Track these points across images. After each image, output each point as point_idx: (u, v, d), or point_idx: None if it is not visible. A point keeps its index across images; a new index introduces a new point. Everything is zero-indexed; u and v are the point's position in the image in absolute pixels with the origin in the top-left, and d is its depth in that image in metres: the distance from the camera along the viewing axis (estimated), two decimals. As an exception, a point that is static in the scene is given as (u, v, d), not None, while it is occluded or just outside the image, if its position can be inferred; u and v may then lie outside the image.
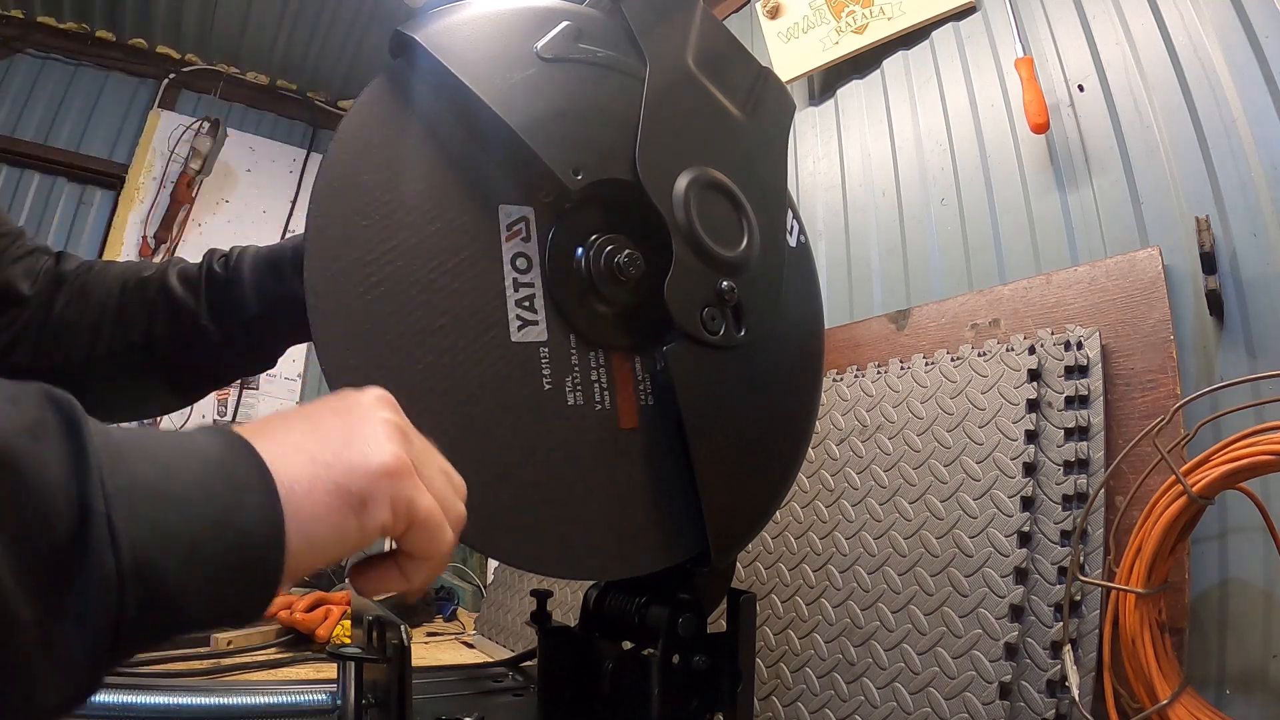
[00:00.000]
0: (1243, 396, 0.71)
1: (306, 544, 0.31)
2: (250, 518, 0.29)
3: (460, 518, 0.39)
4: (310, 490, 0.31)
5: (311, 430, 0.33)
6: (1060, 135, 0.98)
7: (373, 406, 0.36)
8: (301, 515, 0.31)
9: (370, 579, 0.38)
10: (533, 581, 1.19)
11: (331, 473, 0.32)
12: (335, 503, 0.32)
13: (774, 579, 0.92)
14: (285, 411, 0.35)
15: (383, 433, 0.35)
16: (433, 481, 0.37)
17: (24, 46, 2.11)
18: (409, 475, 0.35)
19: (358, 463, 0.33)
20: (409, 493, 0.34)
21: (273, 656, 1.10)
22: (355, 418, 0.35)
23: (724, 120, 0.63)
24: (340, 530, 0.32)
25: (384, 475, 0.33)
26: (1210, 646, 0.73)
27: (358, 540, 0.33)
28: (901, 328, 1.04)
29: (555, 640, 0.66)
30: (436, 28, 0.51)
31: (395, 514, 0.34)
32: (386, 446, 0.34)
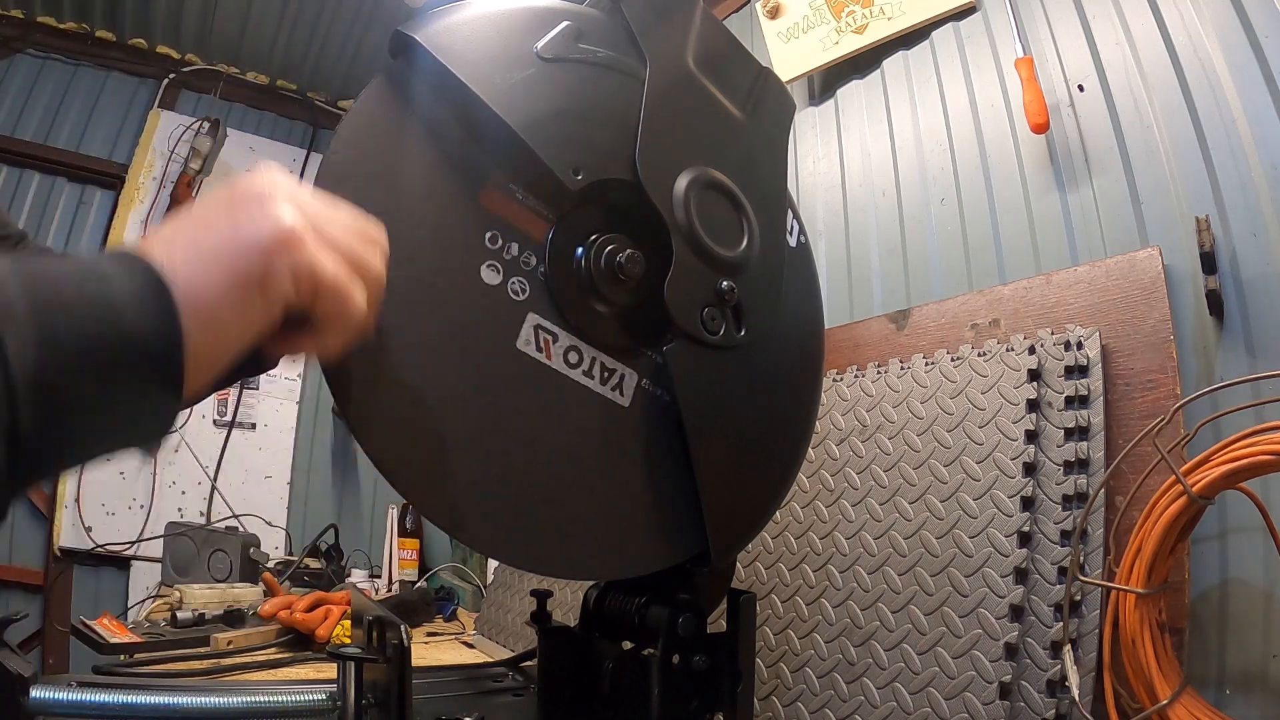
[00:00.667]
0: (1243, 396, 0.71)
1: (210, 332, 0.31)
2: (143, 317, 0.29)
3: (376, 272, 0.38)
4: (205, 280, 0.31)
5: (200, 224, 0.33)
6: (1060, 135, 0.98)
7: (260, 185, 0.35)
8: (199, 305, 0.31)
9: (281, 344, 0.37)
10: (533, 581, 1.19)
11: (223, 258, 0.32)
12: (232, 286, 0.32)
13: (774, 579, 0.92)
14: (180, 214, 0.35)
15: (271, 207, 0.34)
16: (338, 241, 0.36)
17: (24, 46, 2.11)
18: (303, 242, 0.34)
19: (250, 240, 0.33)
20: (307, 259, 0.34)
21: (273, 656, 1.10)
22: (241, 200, 0.35)
23: (724, 120, 0.63)
24: (243, 311, 0.32)
25: (278, 248, 0.33)
26: (1210, 646, 0.73)
27: (264, 317, 0.33)
28: (901, 328, 1.04)
29: (555, 640, 0.66)
30: (436, 28, 0.51)
31: (297, 283, 0.34)
32: (275, 218, 0.34)
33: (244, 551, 1.65)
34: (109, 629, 1.08)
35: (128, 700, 0.52)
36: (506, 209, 0.52)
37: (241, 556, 1.64)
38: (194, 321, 0.30)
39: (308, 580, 1.76)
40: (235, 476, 2.19)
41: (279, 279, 0.33)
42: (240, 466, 2.21)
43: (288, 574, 1.74)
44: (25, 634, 1.90)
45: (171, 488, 2.14)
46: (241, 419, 2.25)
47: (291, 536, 2.25)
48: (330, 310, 0.36)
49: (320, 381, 2.31)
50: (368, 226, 0.40)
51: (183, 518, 2.02)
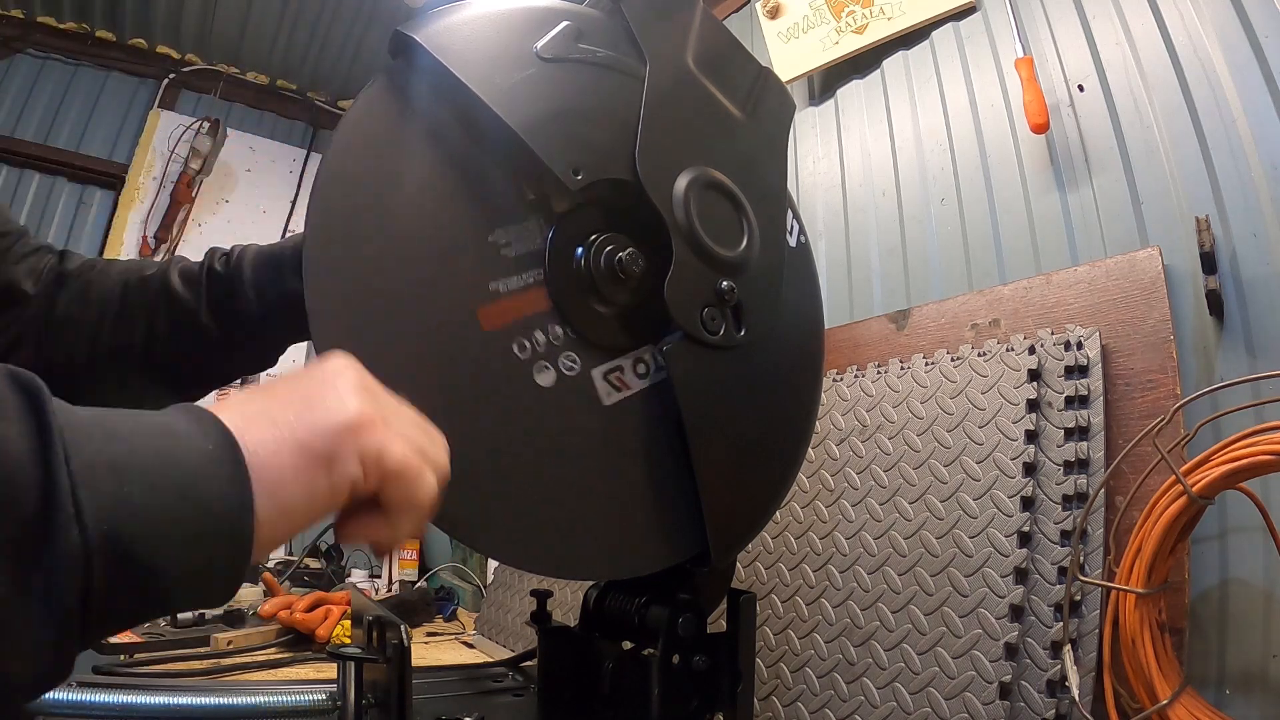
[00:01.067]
0: (1243, 396, 0.71)
1: (277, 508, 0.31)
2: (216, 486, 0.29)
3: (442, 465, 0.39)
4: (276, 453, 0.31)
5: (273, 398, 0.34)
6: (1060, 135, 0.98)
7: (333, 370, 0.36)
8: (268, 479, 0.31)
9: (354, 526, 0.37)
10: (533, 581, 1.19)
11: (295, 433, 0.32)
12: (302, 463, 0.32)
13: (774, 579, 0.92)
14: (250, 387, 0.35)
15: (344, 390, 0.35)
16: (406, 430, 0.37)
17: (24, 46, 2.11)
18: (374, 427, 0.34)
19: (320, 420, 0.33)
20: (377, 444, 0.34)
21: (273, 656, 1.10)
22: (316, 381, 0.35)
23: (724, 120, 0.63)
24: (310, 489, 0.32)
25: (348, 430, 0.33)
26: (1210, 646, 0.73)
27: (329, 498, 0.33)
28: (901, 328, 1.04)
29: (555, 640, 0.66)
30: (436, 28, 0.51)
31: (365, 467, 0.34)
32: (348, 402, 0.34)
33: (244, 551, 1.64)
34: (109, 629, 1.08)
35: (128, 700, 0.52)
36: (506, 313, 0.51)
37: (241, 556, 1.64)
38: (262, 492, 0.30)
39: (308, 580, 1.76)
40: (235, 476, 2.19)
41: (346, 461, 0.33)
42: (240, 466, 2.21)
43: (288, 574, 1.74)
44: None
45: (171, 488, 2.14)
46: (241, 419, 2.24)
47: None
48: (399, 496, 0.36)
49: (320, 381, 2.31)
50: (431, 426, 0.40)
51: (183, 518, 2.01)
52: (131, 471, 0.27)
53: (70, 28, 2.17)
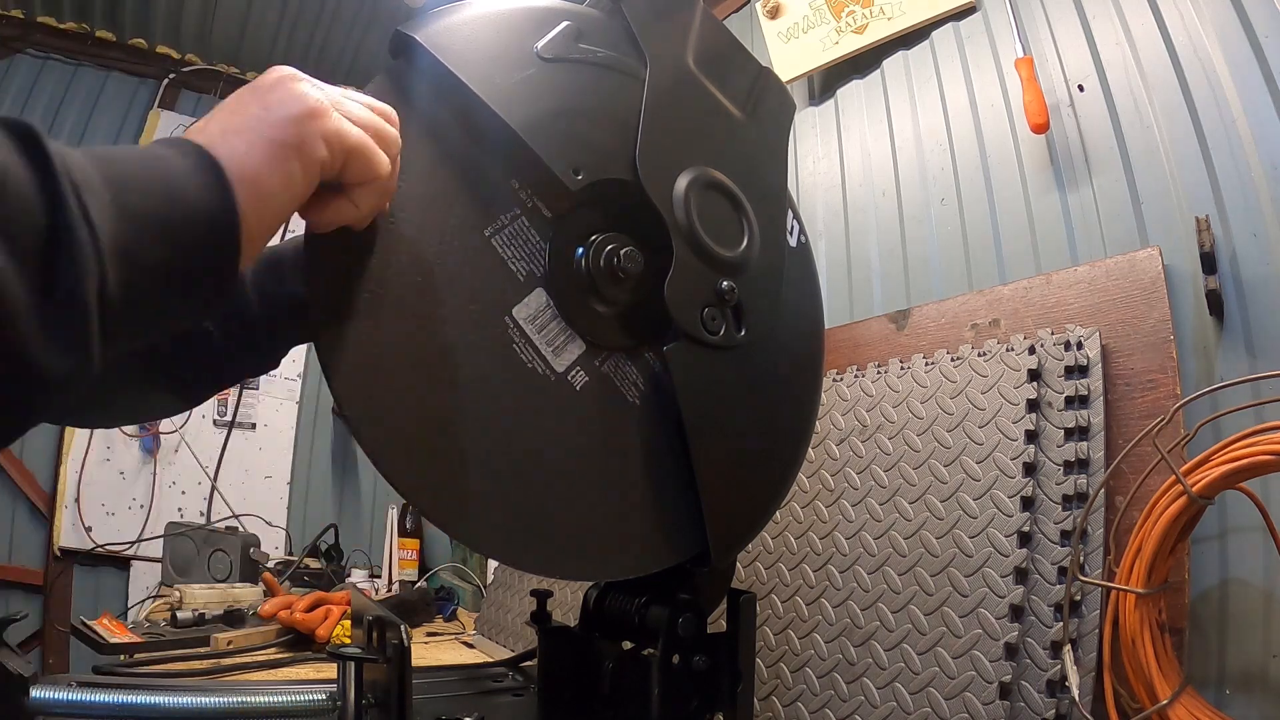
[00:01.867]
0: (1243, 396, 0.71)
1: (259, 198, 0.35)
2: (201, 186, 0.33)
3: (394, 138, 0.43)
4: (249, 153, 0.35)
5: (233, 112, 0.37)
6: (1060, 135, 0.98)
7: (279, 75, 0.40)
8: (248, 176, 0.35)
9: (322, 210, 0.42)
10: (533, 581, 1.19)
11: (263, 133, 0.37)
12: (275, 153, 0.36)
13: (774, 579, 0.92)
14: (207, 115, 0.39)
15: (293, 87, 0.39)
16: (357, 114, 0.41)
17: (24, 46, 2.11)
18: (329, 112, 0.39)
19: (281, 115, 0.37)
20: (335, 126, 0.39)
21: (273, 656, 1.10)
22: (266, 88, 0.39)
23: (724, 120, 0.63)
24: (286, 176, 0.37)
25: (308, 117, 0.38)
26: (1210, 646, 0.73)
27: (304, 182, 0.38)
28: (901, 328, 1.04)
29: (555, 640, 0.66)
30: (436, 28, 0.51)
31: (329, 147, 0.39)
32: (301, 95, 0.39)
33: (244, 551, 1.65)
34: (109, 629, 1.08)
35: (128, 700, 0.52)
36: None
37: (241, 556, 1.64)
38: (243, 190, 0.34)
39: (308, 580, 1.76)
40: (235, 476, 2.19)
41: (313, 144, 0.38)
42: (240, 466, 2.21)
43: (288, 574, 1.74)
44: (25, 634, 1.90)
45: (171, 488, 2.14)
46: (241, 419, 2.24)
47: (291, 536, 2.25)
48: (359, 171, 0.40)
49: (320, 381, 2.31)
50: (378, 104, 0.44)
51: (183, 518, 2.02)
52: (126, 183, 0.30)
53: (70, 28, 2.17)
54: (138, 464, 2.12)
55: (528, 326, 0.52)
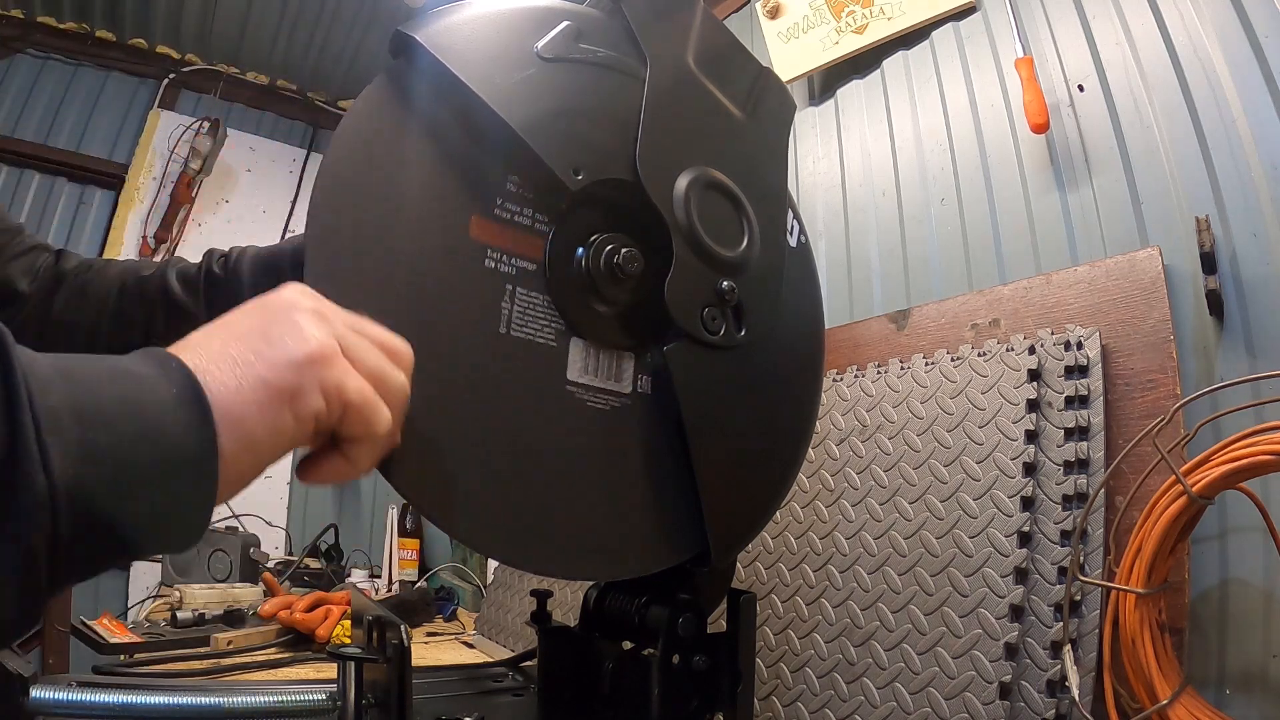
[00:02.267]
0: (1243, 396, 0.71)
1: (243, 445, 0.31)
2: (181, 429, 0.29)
3: (400, 388, 0.39)
4: (239, 391, 0.32)
5: (233, 335, 0.34)
6: (1060, 135, 0.98)
7: (289, 301, 0.36)
8: (233, 417, 0.31)
9: (317, 470, 0.38)
10: (533, 581, 1.19)
11: (257, 371, 0.33)
12: (266, 399, 0.32)
13: (774, 579, 0.92)
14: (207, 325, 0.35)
15: (302, 322, 0.35)
16: (364, 359, 0.37)
17: (24, 46, 2.11)
18: (334, 359, 0.35)
19: (280, 356, 0.33)
20: (337, 376, 0.35)
21: (273, 656, 1.10)
22: (272, 314, 0.35)
23: (724, 120, 0.63)
24: (274, 425, 0.33)
25: (309, 363, 0.34)
26: (1210, 646, 0.73)
27: (294, 432, 0.34)
28: (901, 328, 1.04)
29: (555, 640, 0.65)
30: (437, 27, 0.51)
31: (327, 399, 0.35)
32: (307, 334, 0.35)
33: (244, 551, 1.65)
34: (109, 629, 1.08)
35: (128, 700, 0.52)
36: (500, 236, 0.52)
37: (241, 556, 1.64)
38: (227, 432, 0.31)
39: (308, 580, 1.76)
40: (235, 476, 2.19)
41: (310, 394, 0.34)
42: (240, 466, 2.21)
43: (288, 574, 1.75)
44: (25, 634, 1.90)
45: (171, 488, 2.14)
46: (241, 419, 2.24)
47: (291, 536, 2.25)
48: (357, 427, 0.36)
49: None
50: (393, 342, 0.40)
51: (183, 518, 2.01)
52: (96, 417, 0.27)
53: (70, 28, 2.17)
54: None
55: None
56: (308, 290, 0.38)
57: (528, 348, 0.52)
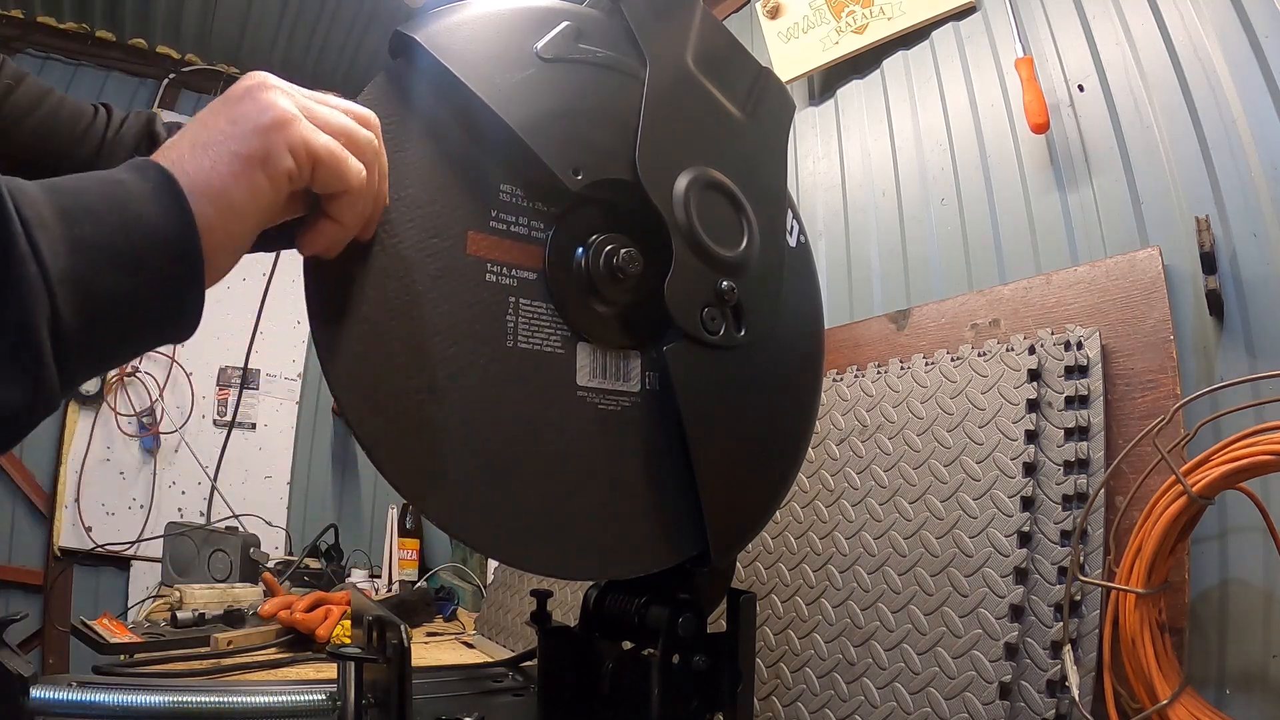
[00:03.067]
0: (1243, 396, 0.71)
1: (226, 214, 0.35)
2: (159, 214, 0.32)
3: (368, 143, 0.42)
4: (213, 168, 0.35)
5: (202, 127, 0.37)
6: (1060, 135, 0.98)
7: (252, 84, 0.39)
8: (211, 192, 0.35)
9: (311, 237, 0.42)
10: (533, 581, 1.19)
11: (228, 146, 0.36)
12: (240, 168, 0.36)
13: (774, 579, 0.92)
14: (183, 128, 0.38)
15: (261, 97, 0.38)
16: (328, 120, 0.41)
17: (24, 46, 2.11)
18: (296, 121, 0.38)
19: (245, 128, 0.37)
20: (301, 134, 0.38)
21: (273, 656, 1.10)
22: (235, 99, 0.38)
23: (724, 120, 0.63)
24: (252, 188, 0.36)
25: (273, 127, 0.37)
26: (1210, 646, 0.73)
27: (272, 193, 0.37)
28: (901, 328, 1.04)
29: (555, 640, 0.66)
30: (436, 28, 0.51)
31: (295, 157, 0.38)
32: (268, 105, 0.38)
33: (244, 551, 1.65)
34: (109, 629, 1.08)
35: (128, 700, 0.52)
36: (498, 249, 0.52)
37: (241, 556, 1.64)
38: (208, 206, 0.34)
39: (308, 580, 1.76)
40: (235, 476, 2.19)
41: (278, 154, 0.37)
42: (240, 466, 2.21)
43: (288, 574, 1.74)
44: (25, 634, 1.90)
45: (171, 488, 2.14)
46: (241, 419, 2.24)
47: (291, 536, 2.25)
48: (330, 180, 0.40)
49: (320, 381, 2.31)
50: (357, 109, 0.44)
51: (183, 518, 2.02)
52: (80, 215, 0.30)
53: (70, 28, 2.17)
54: (138, 464, 2.12)
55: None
56: (268, 75, 0.40)
57: (536, 358, 0.53)
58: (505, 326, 0.51)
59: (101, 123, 0.72)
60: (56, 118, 0.69)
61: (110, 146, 0.71)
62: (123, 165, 0.34)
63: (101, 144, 0.71)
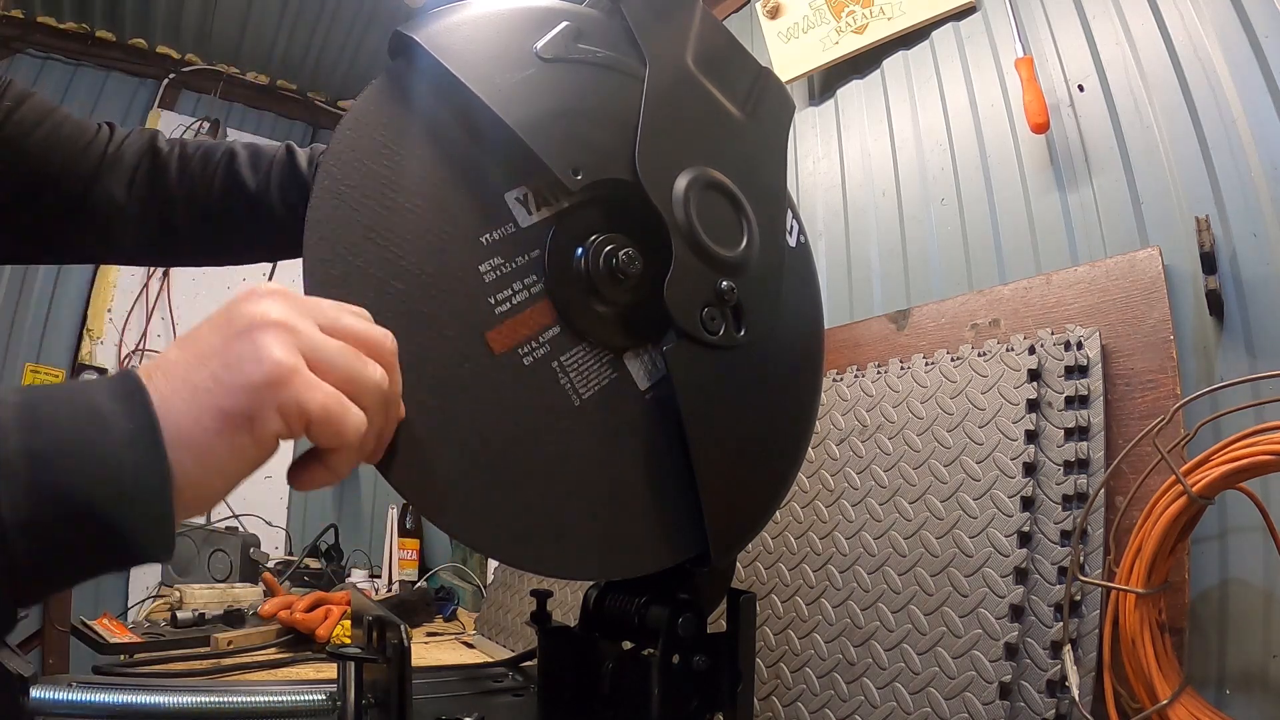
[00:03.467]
0: (1243, 396, 0.71)
1: (205, 469, 0.33)
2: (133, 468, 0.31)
3: (374, 387, 0.38)
4: (198, 422, 0.33)
5: (198, 357, 0.35)
6: (1060, 135, 0.98)
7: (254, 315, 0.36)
8: (193, 446, 0.33)
9: (301, 478, 0.40)
10: (533, 581, 1.19)
11: (213, 398, 0.34)
12: (224, 426, 0.34)
13: (774, 579, 0.92)
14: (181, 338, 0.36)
15: (261, 343, 0.35)
16: (332, 366, 0.37)
17: (24, 46, 2.11)
18: (290, 379, 0.35)
19: (237, 381, 0.34)
20: (294, 396, 0.35)
21: (273, 656, 1.10)
22: (235, 332, 0.35)
23: (724, 120, 0.63)
24: (235, 450, 0.34)
25: (266, 387, 0.34)
26: (1210, 646, 0.73)
27: (256, 455, 0.35)
28: (901, 328, 1.04)
29: (555, 640, 0.66)
30: (436, 28, 0.51)
31: (286, 420, 0.35)
32: (264, 357, 0.34)
33: (244, 551, 1.65)
34: (109, 629, 1.08)
35: (128, 700, 0.52)
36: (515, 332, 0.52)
37: (241, 556, 1.64)
38: (187, 458, 0.32)
39: (308, 580, 1.76)
40: (235, 476, 2.19)
41: (266, 418, 0.34)
42: (240, 466, 2.21)
43: (288, 574, 1.75)
44: (25, 634, 1.90)
45: (171, 488, 2.14)
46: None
47: (291, 536, 2.25)
48: (327, 438, 0.37)
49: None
50: (370, 335, 0.40)
51: (183, 517, 2.01)
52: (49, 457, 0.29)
53: (70, 28, 2.17)
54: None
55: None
56: (279, 292, 0.37)
57: (604, 397, 0.54)
58: (565, 391, 0.53)
59: (104, 139, 0.73)
60: (59, 134, 0.70)
61: (111, 161, 0.72)
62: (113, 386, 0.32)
63: (103, 159, 0.72)
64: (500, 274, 0.51)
